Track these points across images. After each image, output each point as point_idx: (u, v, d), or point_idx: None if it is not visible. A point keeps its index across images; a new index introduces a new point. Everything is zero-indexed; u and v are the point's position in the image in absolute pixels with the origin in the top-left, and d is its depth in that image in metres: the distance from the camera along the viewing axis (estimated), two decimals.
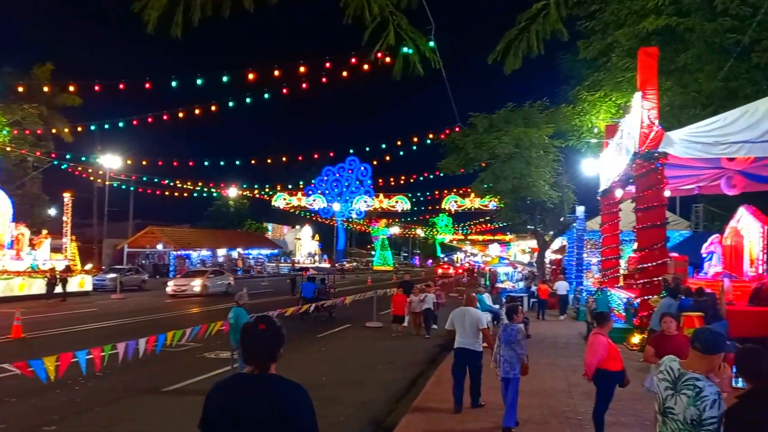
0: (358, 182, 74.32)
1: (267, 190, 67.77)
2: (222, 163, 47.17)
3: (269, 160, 49.65)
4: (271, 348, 2.85)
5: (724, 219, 21.95)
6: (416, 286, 20.11)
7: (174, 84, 25.76)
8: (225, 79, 25.55)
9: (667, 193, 14.90)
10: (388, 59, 7.85)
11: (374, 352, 14.63)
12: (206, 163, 46.64)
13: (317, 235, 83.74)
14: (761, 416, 3.24)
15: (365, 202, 73.90)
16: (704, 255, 20.51)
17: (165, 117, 30.59)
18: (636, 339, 14.06)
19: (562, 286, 23.87)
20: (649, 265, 13.97)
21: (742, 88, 18.26)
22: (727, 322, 11.05)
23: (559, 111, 27.30)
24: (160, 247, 52.68)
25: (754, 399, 3.32)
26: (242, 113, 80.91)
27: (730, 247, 19.70)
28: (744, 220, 18.85)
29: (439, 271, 61.56)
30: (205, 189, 56.17)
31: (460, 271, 59.91)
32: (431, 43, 7.45)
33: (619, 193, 18.51)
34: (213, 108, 29.51)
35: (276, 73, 25.41)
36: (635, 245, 15.73)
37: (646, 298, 13.88)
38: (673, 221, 23.72)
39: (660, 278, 13.54)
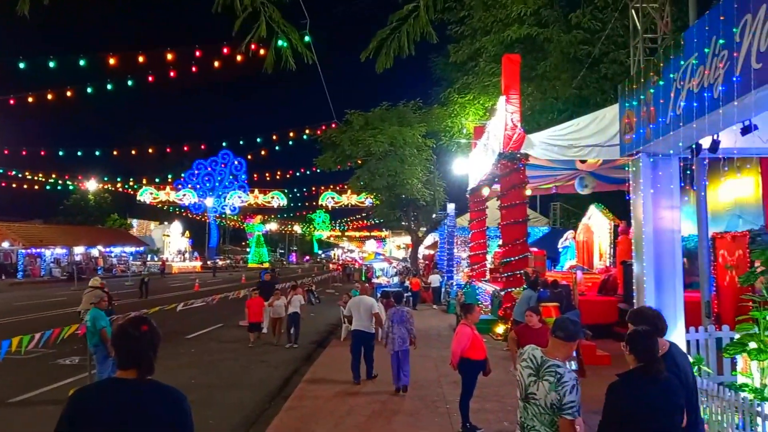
0: (231, 177, 72.08)
1: (131, 183, 63.63)
2: (80, 153, 43.54)
3: (134, 152, 46.63)
4: (153, 351, 2.70)
5: (578, 216, 23.85)
6: (277, 288, 17.64)
7: (23, 66, 23.35)
8: (82, 63, 23.58)
9: (528, 192, 15.88)
10: (262, 51, 7.63)
11: (247, 351, 14.23)
12: (61, 153, 42.80)
13: (188, 232, 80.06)
14: (644, 389, 3.63)
15: (239, 197, 71.88)
16: (560, 249, 22.23)
17: (11, 101, 27.64)
18: (500, 329, 14.91)
19: (435, 279, 25.30)
20: (512, 259, 14.86)
21: (593, 96, 19.96)
22: (579, 311, 12.00)
23: (432, 112, 28.27)
24: (6, 245, 47.62)
25: (639, 374, 3.71)
26: (104, 101, 75.30)
27: (583, 242, 21.50)
28: (594, 218, 20.66)
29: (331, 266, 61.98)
30: (60, 181, 51.58)
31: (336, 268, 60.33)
32: (306, 38, 7.34)
33: (486, 191, 19.44)
34: (69, 93, 27.12)
35: (140, 59, 23.89)
36: (500, 241, 16.67)
37: (509, 290, 14.75)
38: (533, 218, 25.43)
39: (522, 271, 14.43)
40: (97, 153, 43.82)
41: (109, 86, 26.53)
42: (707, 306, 9.26)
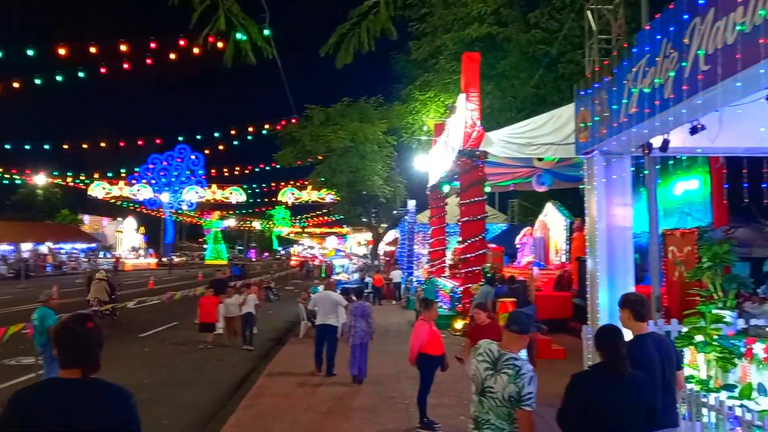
0: (188, 172, 70.59)
1: (83, 178, 61.70)
2: (27, 147, 41.87)
3: (85, 146, 45.16)
4: (99, 348, 2.64)
5: (535, 213, 24.25)
6: (230, 286, 16.69)
7: None
8: (30, 53, 22.68)
9: (487, 189, 16.09)
10: (220, 44, 7.50)
11: (203, 350, 13.97)
12: (7, 147, 41.09)
13: (142, 228, 78.17)
14: (604, 386, 3.63)
15: (197, 192, 70.46)
16: (518, 246, 22.57)
17: None
18: (459, 324, 15.06)
19: (396, 275, 25.58)
20: (471, 255, 15.01)
21: (551, 95, 20.31)
22: (535, 306, 12.22)
23: (393, 108, 28.31)
24: None
25: (602, 370, 3.73)
26: (54, 93, 72.62)
27: (539, 238, 21.88)
28: (551, 215, 21.05)
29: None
30: (7, 175, 49.63)
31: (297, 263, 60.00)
32: (266, 32, 7.24)
33: (446, 188, 19.59)
34: (16, 84, 26.07)
35: (93, 50, 23.14)
36: (459, 237, 16.82)
37: (468, 286, 14.90)
38: (492, 215, 25.72)
39: (480, 268, 14.60)
40: (46, 147, 42.24)
41: (59, 78, 25.60)
42: (657, 300, 9.53)
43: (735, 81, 4.78)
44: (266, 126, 36.35)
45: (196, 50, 21.83)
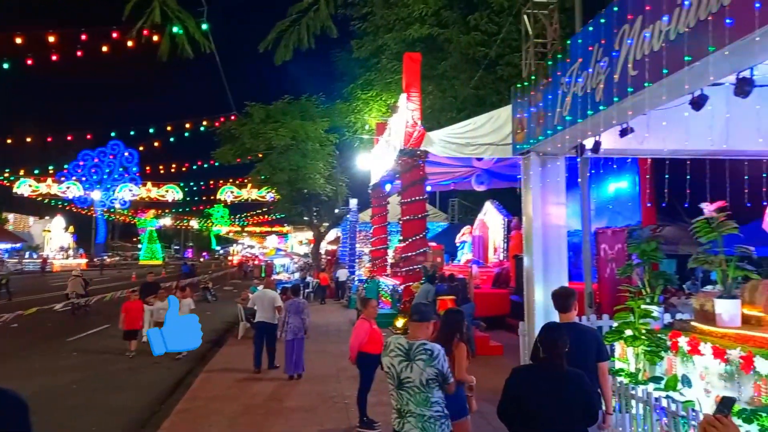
0: (122, 169, 68.05)
1: (7, 174, 58.44)
2: None
3: (9, 141, 42.77)
4: None
5: (475, 212, 24.70)
6: (162, 289, 15.76)
7: None
8: None
9: (428, 188, 16.23)
10: (156, 38, 7.25)
11: (137, 351, 13.46)
12: None
13: (72, 227, 74.78)
14: (540, 381, 3.68)
15: (130, 190, 68.02)
16: (458, 244, 22.94)
17: None
18: (400, 323, 15.14)
19: (342, 273, 25.64)
20: (412, 254, 15.13)
21: (490, 96, 20.73)
22: (474, 304, 12.43)
23: (335, 107, 28.17)
24: None
25: (541, 366, 3.77)
26: None
27: (479, 237, 22.31)
28: (489, 214, 21.50)
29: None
30: None
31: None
32: (204, 26, 7.07)
33: (387, 187, 19.67)
34: None
35: (18, 40, 21.92)
36: (401, 236, 16.93)
37: (408, 284, 15.01)
38: (433, 214, 26.03)
39: (420, 266, 14.74)
40: None
41: None
42: (590, 296, 9.88)
43: (660, 86, 5.00)
44: (204, 122, 35.40)
45: (130, 43, 21.01)
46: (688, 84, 4.84)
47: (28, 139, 43.34)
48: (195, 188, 67.22)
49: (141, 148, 59.42)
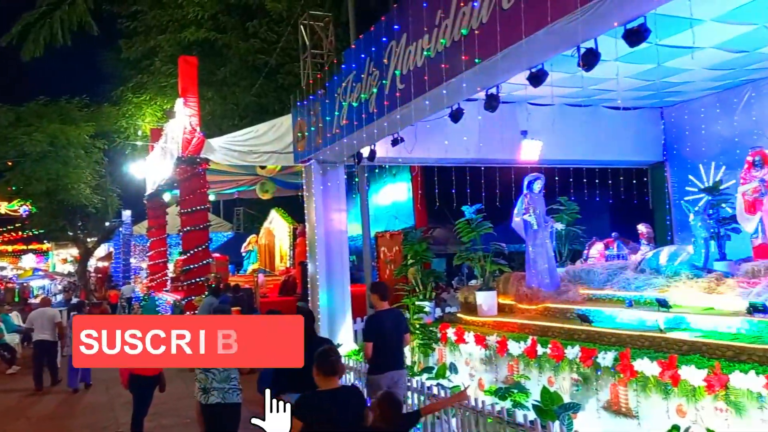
0: None
1: None
2: None
3: None
4: None
5: (261, 221, 24.44)
6: None
7: None
8: None
9: (211, 197, 15.66)
10: None
11: None
12: None
13: None
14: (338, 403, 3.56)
15: None
16: (244, 254, 22.50)
17: None
18: None
19: (127, 290, 23.61)
20: (194, 266, 14.44)
21: (272, 104, 20.74)
22: (260, 312, 12.25)
23: (102, 110, 25.63)
24: None
25: (339, 392, 3.60)
26: None
27: (265, 245, 22.14)
28: (276, 222, 21.46)
29: None
30: None
31: None
32: None
33: (166, 197, 18.56)
34: None
35: None
36: (181, 248, 16.04)
37: (191, 298, 14.28)
38: (216, 223, 25.21)
39: (203, 278, 14.14)
40: None
41: None
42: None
43: (424, 99, 5.46)
44: None
45: None
46: (447, 99, 5.35)
47: None
48: None
49: None
